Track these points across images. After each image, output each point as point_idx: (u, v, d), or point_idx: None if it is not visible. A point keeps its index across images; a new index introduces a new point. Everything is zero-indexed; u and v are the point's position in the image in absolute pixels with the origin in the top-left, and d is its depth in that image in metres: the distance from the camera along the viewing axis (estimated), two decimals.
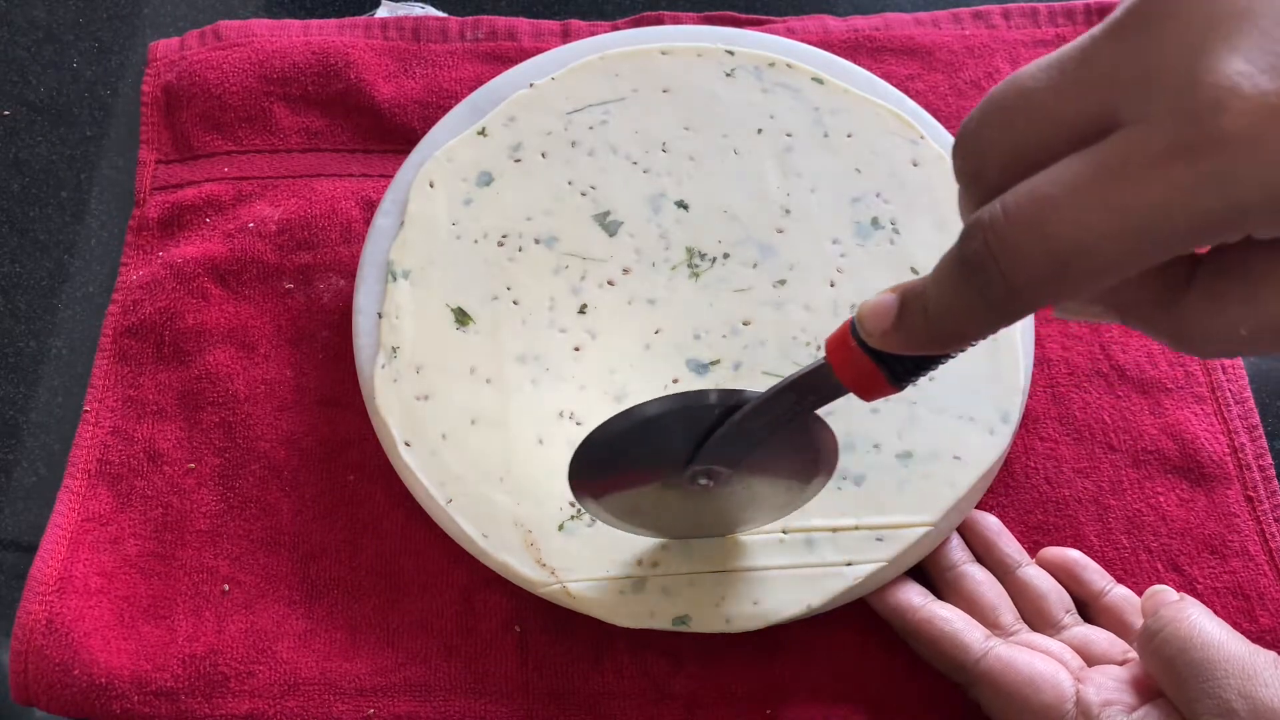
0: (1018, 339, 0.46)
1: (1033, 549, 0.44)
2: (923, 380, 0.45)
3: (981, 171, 0.24)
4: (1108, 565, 0.44)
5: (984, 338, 0.25)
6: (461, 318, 0.46)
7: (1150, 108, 0.21)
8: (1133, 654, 0.40)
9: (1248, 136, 0.19)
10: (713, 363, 0.45)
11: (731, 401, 0.35)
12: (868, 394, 0.30)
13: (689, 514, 0.40)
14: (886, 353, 0.28)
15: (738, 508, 0.40)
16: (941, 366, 0.29)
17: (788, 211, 0.48)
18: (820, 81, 0.50)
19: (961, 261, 0.23)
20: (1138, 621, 0.41)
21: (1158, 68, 0.21)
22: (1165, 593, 0.40)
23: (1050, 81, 0.23)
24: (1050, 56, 0.23)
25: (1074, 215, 0.21)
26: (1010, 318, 0.24)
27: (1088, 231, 0.21)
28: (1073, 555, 0.44)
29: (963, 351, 0.27)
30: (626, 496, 0.39)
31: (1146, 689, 0.37)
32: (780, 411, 0.34)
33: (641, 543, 0.42)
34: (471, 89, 0.52)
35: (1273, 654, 0.36)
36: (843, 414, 0.44)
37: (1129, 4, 0.21)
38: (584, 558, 0.42)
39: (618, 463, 0.37)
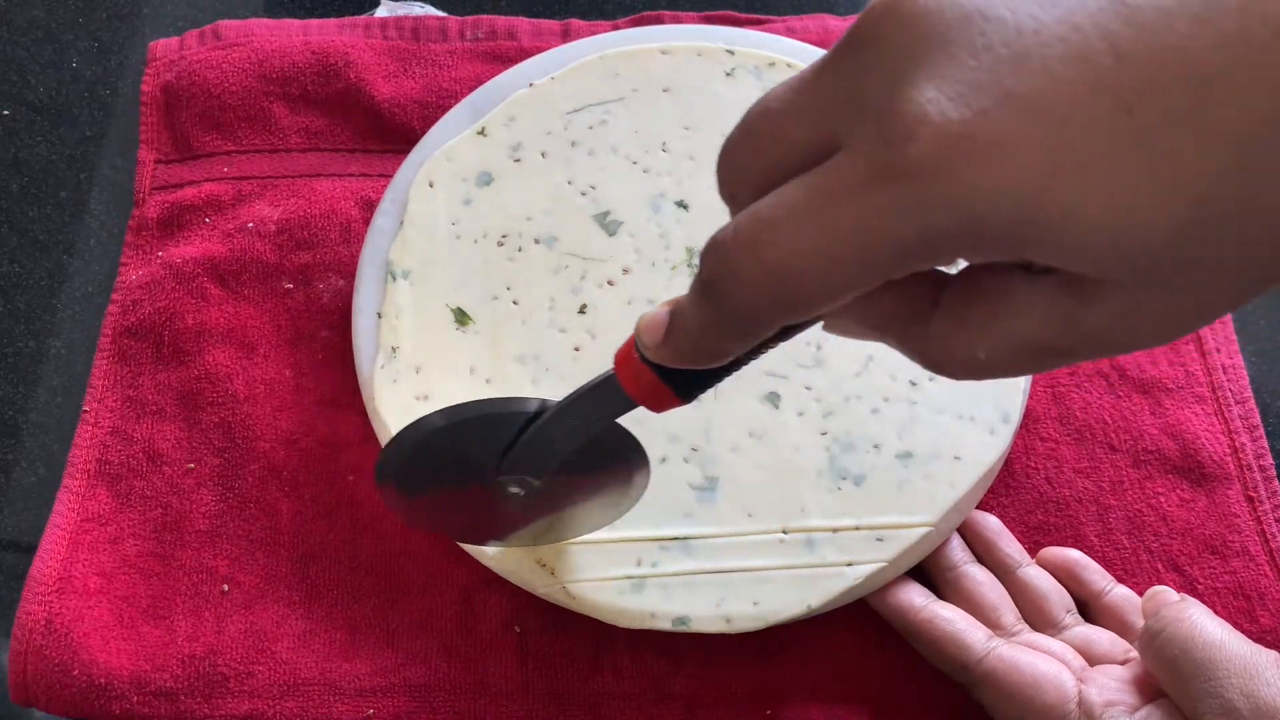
0: None
1: (1033, 549, 0.44)
2: (923, 380, 0.46)
3: (736, 192, 0.24)
4: (1108, 565, 0.44)
5: (743, 353, 0.25)
6: (461, 318, 0.46)
7: (858, 133, 0.21)
8: (1134, 654, 0.40)
9: (933, 165, 0.19)
10: None
11: (532, 410, 0.35)
12: (656, 406, 0.29)
13: (514, 522, 0.40)
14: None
15: (561, 514, 0.40)
16: (729, 376, 0.28)
17: None
18: None
19: (701, 282, 0.23)
20: (1138, 621, 0.41)
21: (865, 94, 0.21)
22: (1166, 593, 0.40)
23: (787, 103, 0.22)
24: (791, 78, 0.23)
25: (787, 238, 0.21)
26: (752, 336, 0.24)
27: (797, 255, 0.21)
28: (1073, 555, 0.44)
29: (743, 365, 0.27)
30: (444, 506, 0.38)
31: (1148, 689, 0.38)
32: (576, 422, 0.34)
33: (642, 543, 0.42)
34: (471, 89, 0.52)
35: (1274, 653, 0.36)
36: (842, 414, 0.44)
37: (850, 28, 0.21)
38: (584, 558, 0.42)
39: (429, 470, 0.36)
